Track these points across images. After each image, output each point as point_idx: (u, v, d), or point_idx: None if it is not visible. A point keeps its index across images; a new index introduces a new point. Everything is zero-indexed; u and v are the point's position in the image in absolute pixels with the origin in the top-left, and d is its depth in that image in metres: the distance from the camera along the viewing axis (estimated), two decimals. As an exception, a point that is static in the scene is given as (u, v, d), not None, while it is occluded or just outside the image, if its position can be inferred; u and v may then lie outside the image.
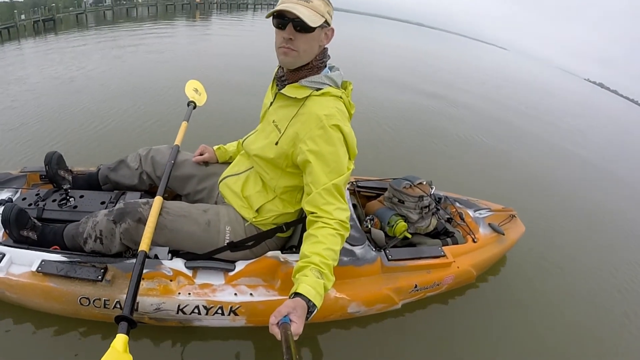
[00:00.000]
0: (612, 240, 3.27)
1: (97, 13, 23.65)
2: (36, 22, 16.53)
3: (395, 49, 18.38)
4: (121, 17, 22.15)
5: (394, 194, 2.05)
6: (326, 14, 1.18)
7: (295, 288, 1.03)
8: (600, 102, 20.50)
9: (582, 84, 41.51)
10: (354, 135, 1.27)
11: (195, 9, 31.96)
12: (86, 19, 20.49)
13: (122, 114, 4.11)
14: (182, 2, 33.17)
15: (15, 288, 1.37)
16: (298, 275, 1.08)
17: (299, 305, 0.97)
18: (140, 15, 24.38)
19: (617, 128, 11.59)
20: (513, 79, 17.68)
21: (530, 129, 6.91)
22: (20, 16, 15.43)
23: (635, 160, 7.12)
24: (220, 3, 38.26)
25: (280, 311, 0.94)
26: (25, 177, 1.83)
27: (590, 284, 2.49)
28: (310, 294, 1.01)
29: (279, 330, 0.91)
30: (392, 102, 6.45)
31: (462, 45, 44.26)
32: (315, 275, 1.06)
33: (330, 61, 1.35)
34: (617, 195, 4.59)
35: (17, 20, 14.97)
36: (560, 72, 53.45)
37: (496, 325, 1.94)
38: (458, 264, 1.87)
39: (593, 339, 2.01)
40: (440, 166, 4.10)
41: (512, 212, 2.32)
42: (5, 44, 9.99)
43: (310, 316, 1.01)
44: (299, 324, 0.93)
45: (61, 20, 18.64)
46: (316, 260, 1.09)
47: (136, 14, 25.25)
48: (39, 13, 17.40)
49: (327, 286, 1.08)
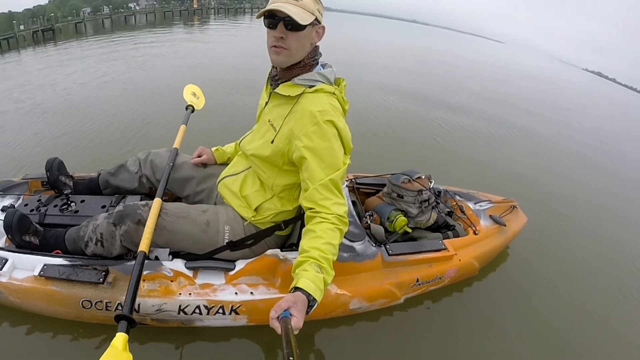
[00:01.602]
0: (615, 227, 3.25)
1: (96, 22, 23.84)
2: (35, 32, 16.68)
3: (388, 47, 18.36)
4: (120, 25, 22.33)
5: (392, 189, 2.05)
6: (316, 11, 1.19)
7: (295, 282, 1.04)
8: (599, 92, 20.36)
9: (580, 74, 41.28)
10: (348, 130, 1.28)
11: (193, 14, 32.14)
12: (85, 28, 20.66)
13: (121, 119, 4.14)
14: (179, 8, 33.37)
15: (18, 292, 1.38)
16: (298, 270, 1.09)
17: (299, 299, 0.98)
18: (138, 22, 24.56)
19: (615, 115, 11.53)
20: (508, 70, 17.59)
21: (526, 120, 6.85)
22: (19, 27, 15.57)
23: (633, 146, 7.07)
24: (218, 8, 38.43)
25: (281, 305, 0.95)
26: (27, 184, 1.85)
27: (594, 270, 2.48)
28: (310, 288, 1.01)
29: (279, 325, 0.91)
30: (385, 100, 6.42)
31: (458, 40, 44.26)
32: (314, 269, 1.06)
33: (325, 60, 1.37)
34: (617, 182, 4.58)
35: (17, 31, 15.11)
36: (559, 63, 53.18)
37: (501, 316, 1.94)
38: (460, 256, 1.87)
39: (600, 325, 2.01)
40: (439, 160, 4.08)
41: (513, 203, 2.31)
42: (4, 55, 10.07)
43: (310, 310, 1.01)
44: (299, 318, 0.94)
45: (60, 30, 18.79)
46: (315, 255, 1.09)
47: (134, 21, 25.43)
48: (38, 23, 17.55)
49: (327, 280, 1.08)
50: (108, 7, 27.00)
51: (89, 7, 35.47)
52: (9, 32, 14.85)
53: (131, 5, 35.14)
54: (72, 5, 37.35)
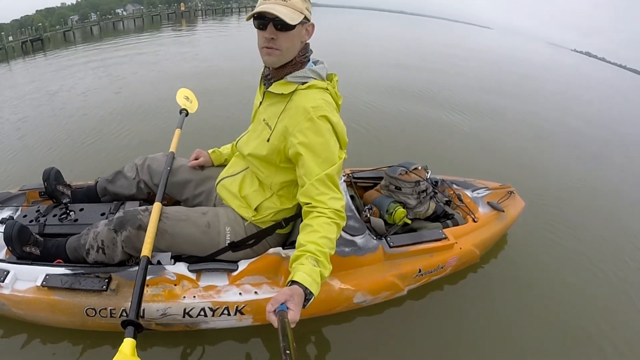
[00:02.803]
0: (615, 207, 3.27)
1: (84, 29, 23.71)
2: (24, 43, 16.57)
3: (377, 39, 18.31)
4: (108, 31, 22.16)
5: (390, 182, 2.06)
6: (305, 10, 1.20)
7: (291, 276, 1.04)
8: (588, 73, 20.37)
9: (570, 55, 41.30)
10: (343, 124, 1.29)
11: (181, 17, 31.95)
12: (74, 35, 20.56)
13: (116, 126, 4.11)
14: (167, 11, 33.19)
15: (21, 304, 1.38)
16: (294, 264, 1.09)
17: (296, 292, 0.98)
18: (126, 28, 24.38)
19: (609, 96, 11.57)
20: (495, 55, 17.61)
21: (514, 105, 6.87)
22: (7, 38, 15.46)
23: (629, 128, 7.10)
24: (205, 10, 38.24)
25: (277, 299, 0.95)
26: (24, 195, 1.84)
27: (594, 252, 2.49)
28: (306, 281, 1.02)
29: (275, 318, 0.92)
30: (374, 94, 6.41)
31: (444, 27, 44.11)
32: (311, 263, 1.07)
33: (318, 57, 1.37)
34: (614, 162, 4.60)
35: (5, 42, 15.02)
36: (548, 46, 53.15)
37: (504, 302, 1.96)
38: (460, 245, 1.88)
39: (603, 310, 2.01)
40: (434, 151, 4.08)
41: (510, 189, 2.32)
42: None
43: (307, 304, 1.01)
44: (295, 311, 0.94)
45: (49, 39, 18.69)
46: (312, 249, 1.10)
47: (123, 27, 25.26)
48: (26, 33, 17.43)
49: (324, 274, 1.09)
50: (96, 14, 26.84)
51: (76, 15, 35.24)
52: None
53: (118, 11, 34.95)
54: (59, 14, 37.11)
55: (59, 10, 44.17)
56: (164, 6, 36.78)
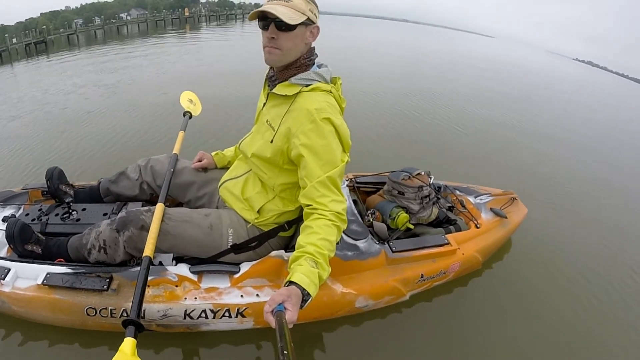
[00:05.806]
0: (620, 214, 3.26)
1: (88, 33, 23.87)
2: (28, 45, 16.69)
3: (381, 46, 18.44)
4: (112, 35, 22.33)
5: (393, 187, 2.06)
6: (308, 12, 1.21)
7: (289, 277, 1.03)
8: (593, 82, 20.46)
9: (572, 64, 41.50)
10: (346, 127, 1.29)
11: (185, 22, 32.19)
12: (77, 39, 20.69)
13: (119, 128, 4.13)
14: (171, 17, 33.46)
15: (21, 302, 1.37)
16: (293, 264, 1.09)
17: (294, 293, 0.97)
18: (130, 32, 24.53)
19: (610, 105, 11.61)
20: (498, 65, 17.68)
21: (517, 112, 6.90)
22: (11, 40, 15.56)
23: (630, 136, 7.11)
24: (209, 15, 38.56)
25: (275, 299, 0.95)
26: (27, 194, 1.84)
27: (599, 260, 2.48)
28: (304, 282, 1.01)
29: (273, 319, 0.91)
30: (380, 98, 6.46)
31: (447, 36, 44.44)
32: (309, 264, 1.06)
33: (321, 60, 1.38)
34: (620, 170, 4.60)
35: (9, 44, 15.11)
36: (550, 55, 53.43)
37: (507, 308, 1.94)
38: (463, 250, 1.87)
39: (607, 317, 2.00)
40: (437, 157, 4.09)
41: (513, 195, 2.32)
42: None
43: (304, 305, 1.01)
44: (293, 311, 0.93)
45: (52, 42, 18.81)
46: (311, 250, 1.09)
47: (127, 31, 25.43)
48: (30, 36, 17.57)
49: (323, 276, 1.08)
50: (100, 18, 27.06)
51: (80, 18, 35.52)
52: (2, 45, 14.84)
53: (122, 15, 35.23)
54: (63, 17, 37.43)
55: (63, 13, 44.56)
56: (168, 11, 37.12)
